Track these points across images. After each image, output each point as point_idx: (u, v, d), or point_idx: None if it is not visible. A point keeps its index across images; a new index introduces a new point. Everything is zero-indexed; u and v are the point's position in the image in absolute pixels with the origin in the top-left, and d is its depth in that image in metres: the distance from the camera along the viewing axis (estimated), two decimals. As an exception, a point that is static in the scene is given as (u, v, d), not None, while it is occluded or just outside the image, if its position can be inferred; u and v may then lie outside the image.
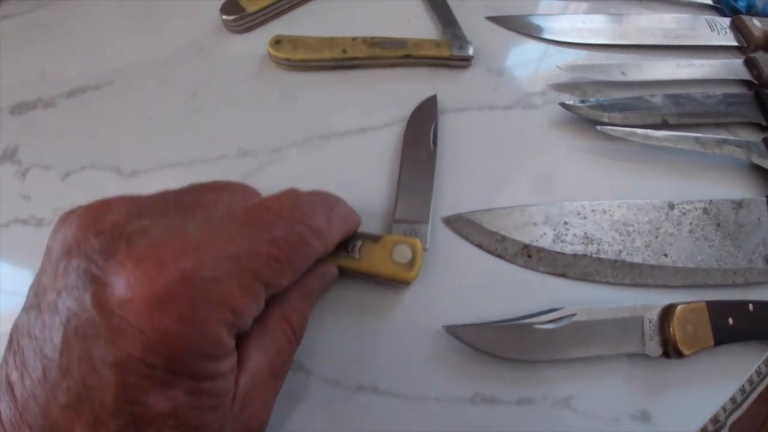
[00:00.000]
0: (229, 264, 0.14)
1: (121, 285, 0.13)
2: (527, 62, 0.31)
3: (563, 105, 0.29)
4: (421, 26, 0.32)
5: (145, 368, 0.13)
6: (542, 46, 0.32)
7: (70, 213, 0.15)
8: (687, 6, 0.40)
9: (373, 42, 0.28)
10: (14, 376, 0.13)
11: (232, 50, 0.30)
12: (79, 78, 0.28)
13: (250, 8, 0.29)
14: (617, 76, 0.31)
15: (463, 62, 0.29)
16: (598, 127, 0.28)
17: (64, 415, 0.13)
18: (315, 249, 0.17)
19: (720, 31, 0.38)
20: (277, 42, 0.27)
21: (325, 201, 0.18)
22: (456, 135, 0.27)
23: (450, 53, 0.28)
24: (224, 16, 0.30)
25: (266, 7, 0.30)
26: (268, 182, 0.24)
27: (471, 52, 0.29)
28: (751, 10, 0.41)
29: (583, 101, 0.29)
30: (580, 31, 0.33)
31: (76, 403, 0.13)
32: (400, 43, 0.28)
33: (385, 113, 0.27)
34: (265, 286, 0.15)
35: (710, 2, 0.41)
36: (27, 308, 0.14)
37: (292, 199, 0.16)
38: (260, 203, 0.16)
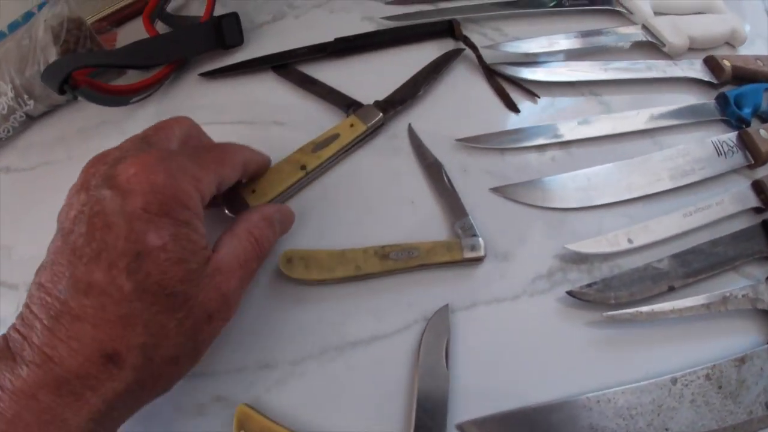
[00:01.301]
0: (187, 156, 0.22)
1: (127, 170, 0.20)
2: (533, 236, 0.32)
3: (570, 293, 0.30)
4: (426, 209, 0.32)
5: (145, 214, 0.19)
6: (547, 214, 0.33)
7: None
8: (695, 125, 0.40)
9: (384, 253, 0.28)
10: (44, 276, 0.20)
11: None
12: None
13: (253, 201, 0.30)
14: (624, 245, 0.32)
15: (474, 262, 0.30)
16: (605, 314, 0.29)
17: (87, 269, 0.19)
18: (236, 152, 0.27)
19: (727, 153, 0.38)
20: (289, 260, 0.28)
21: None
22: (466, 336, 0.28)
23: (462, 256, 0.29)
24: (227, 212, 0.30)
25: (283, 192, 0.31)
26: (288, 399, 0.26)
27: (483, 251, 0.29)
28: (757, 112, 0.41)
29: (589, 285, 0.30)
30: (586, 191, 0.34)
31: (96, 256, 0.19)
32: (412, 251, 0.28)
33: (398, 319, 0.29)
34: (213, 171, 0.23)
35: (719, 117, 0.41)
36: (51, 241, 0.21)
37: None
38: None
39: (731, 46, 0.47)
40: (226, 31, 0.41)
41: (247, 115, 0.38)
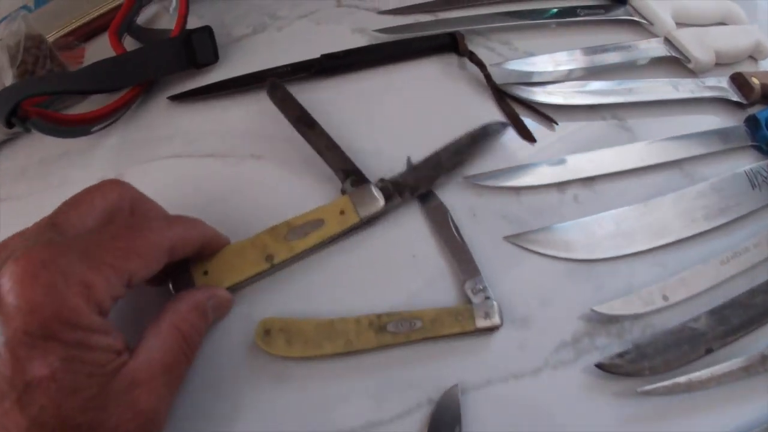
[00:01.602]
0: (80, 253, 0.18)
1: (6, 281, 0.17)
2: (555, 295, 0.27)
3: (600, 366, 0.25)
4: (430, 265, 0.28)
5: (27, 338, 0.17)
6: (571, 266, 0.28)
7: None
8: (725, 153, 0.36)
9: (381, 324, 0.24)
10: None
11: (213, 335, 0.26)
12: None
13: (226, 283, 0.25)
14: (659, 303, 0.28)
15: (488, 331, 0.25)
16: (640, 390, 0.25)
17: None
18: (151, 239, 0.21)
19: (762, 185, 0.34)
20: (267, 332, 0.23)
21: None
22: (481, 420, 0.24)
23: (475, 326, 0.24)
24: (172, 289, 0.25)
25: (240, 282, 0.26)
26: None
27: (498, 319, 0.25)
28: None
29: (621, 354, 0.26)
30: (614, 238, 0.29)
31: None
32: (414, 321, 0.24)
33: (398, 402, 0.24)
34: (113, 269, 0.19)
35: (750, 143, 0.37)
36: None
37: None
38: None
39: (754, 60, 0.43)
40: (197, 48, 0.35)
41: (221, 145, 0.32)
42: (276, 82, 0.32)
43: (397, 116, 0.34)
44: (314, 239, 0.26)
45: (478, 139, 0.31)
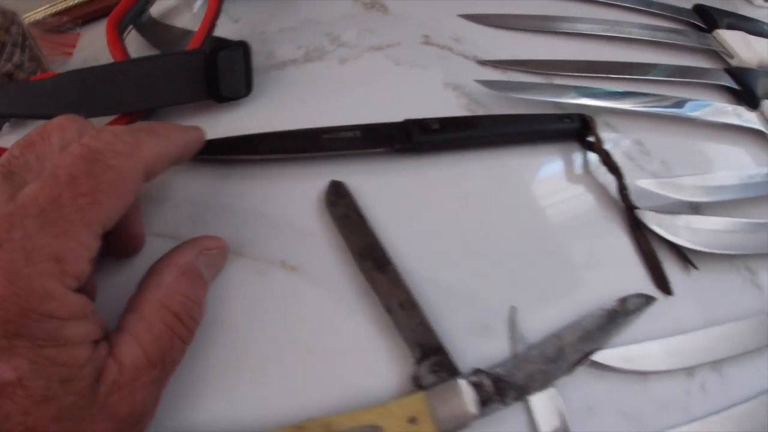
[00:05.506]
0: (37, 218, 0.15)
1: None
2: None
3: None
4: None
5: None
6: None
7: None
8: None
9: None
10: None
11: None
12: None
13: None
14: None
15: None
16: None
17: None
18: (120, 168, 0.16)
19: None
20: None
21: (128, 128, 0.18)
22: None
23: None
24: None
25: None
26: None
27: None
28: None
29: None
30: None
31: None
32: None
33: None
34: (83, 224, 0.15)
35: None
36: None
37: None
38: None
39: None
40: (223, 73, 0.24)
41: (238, 236, 0.22)
42: (342, 189, 0.22)
43: (500, 234, 0.24)
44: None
45: (615, 319, 0.22)
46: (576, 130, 0.26)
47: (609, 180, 0.26)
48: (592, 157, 0.26)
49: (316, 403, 0.18)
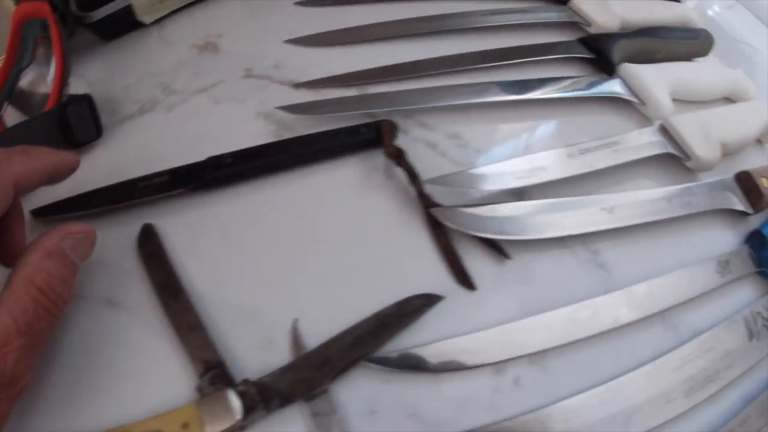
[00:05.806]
0: None
1: None
2: None
3: None
4: None
5: None
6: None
7: None
8: (722, 288, 0.28)
9: None
10: None
11: None
12: None
13: None
14: None
15: None
16: None
17: None
18: None
19: (761, 333, 0.28)
20: None
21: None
22: None
23: None
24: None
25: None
26: None
27: None
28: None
29: None
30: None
31: None
32: None
33: None
34: None
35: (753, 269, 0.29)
36: None
37: None
38: None
39: (760, 142, 0.37)
40: (74, 123, 0.29)
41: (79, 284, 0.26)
42: (150, 230, 0.25)
43: (295, 251, 0.26)
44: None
45: (389, 323, 0.24)
46: (375, 139, 0.28)
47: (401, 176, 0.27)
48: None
49: (126, 413, 0.22)
